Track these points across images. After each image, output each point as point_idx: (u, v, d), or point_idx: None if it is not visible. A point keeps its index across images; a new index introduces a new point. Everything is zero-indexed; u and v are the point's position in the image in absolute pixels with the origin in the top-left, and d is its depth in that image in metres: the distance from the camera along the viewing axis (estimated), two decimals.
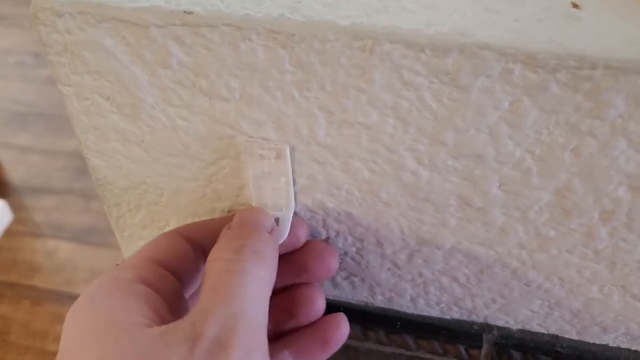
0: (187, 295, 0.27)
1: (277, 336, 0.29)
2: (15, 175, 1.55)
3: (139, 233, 0.32)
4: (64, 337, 0.23)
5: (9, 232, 1.41)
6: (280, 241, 0.27)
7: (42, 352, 1.20)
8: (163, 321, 0.23)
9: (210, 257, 0.25)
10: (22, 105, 1.74)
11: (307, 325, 0.29)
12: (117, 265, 0.26)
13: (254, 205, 0.28)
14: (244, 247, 0.24)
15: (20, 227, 1.43)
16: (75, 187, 1.51)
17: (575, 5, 0.22)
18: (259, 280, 0.24)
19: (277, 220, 0.27)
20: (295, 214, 0.28)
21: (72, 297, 1.28)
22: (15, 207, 1.46)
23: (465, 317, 0.31)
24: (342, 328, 0.28)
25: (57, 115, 1.68)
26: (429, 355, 0.32)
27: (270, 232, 0.26)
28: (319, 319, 0.29)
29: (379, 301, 0.32)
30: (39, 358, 1.19)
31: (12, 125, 1.69)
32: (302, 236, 0.28)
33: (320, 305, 0.29)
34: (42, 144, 1.63)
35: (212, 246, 0.27)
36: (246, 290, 0.23)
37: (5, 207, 1.43)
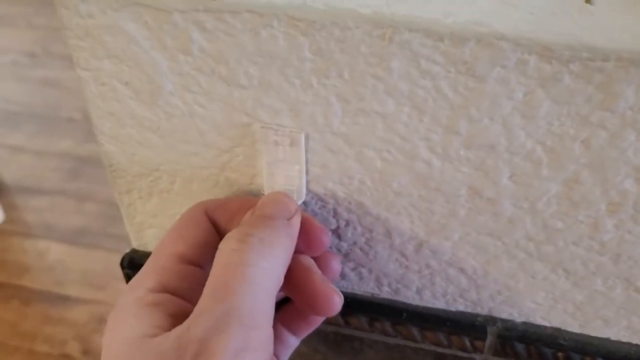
0: None
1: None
2: (7, 175, 1.55)
3: (149, 221, 0.33)
4: None
5: None
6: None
7: (31, 352, 1.19)
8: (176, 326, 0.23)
9: (220, 245, 0.24)
10: (16, 105, 1.74)
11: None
12: (142, 267, 0.26)
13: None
14: (249, 236, 0.23)
15: (11, 227, 1.42)
16: (67, 188, 1.51)
17: (588, 1, 0.23)
18: (263, 271, 0.23)
19: None
20: (304, 207, 0.29)
21: (62, 298, 1.27)
22: (7, 207, 1.46)
23: (470, 309, 0.32)
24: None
25: (51, 116, 1.68)
26: (433, 347, 0.33)
27: (290, 219, 0.25)
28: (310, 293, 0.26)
29: (386, 292, 0.32)
30: (27, 359, 1.18)
31: (5, 125, 1.68)
32: (326, 242, 0.27)
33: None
34: (34, 144, 1.63)
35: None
36: (244, 284, 0.22)
37: None
